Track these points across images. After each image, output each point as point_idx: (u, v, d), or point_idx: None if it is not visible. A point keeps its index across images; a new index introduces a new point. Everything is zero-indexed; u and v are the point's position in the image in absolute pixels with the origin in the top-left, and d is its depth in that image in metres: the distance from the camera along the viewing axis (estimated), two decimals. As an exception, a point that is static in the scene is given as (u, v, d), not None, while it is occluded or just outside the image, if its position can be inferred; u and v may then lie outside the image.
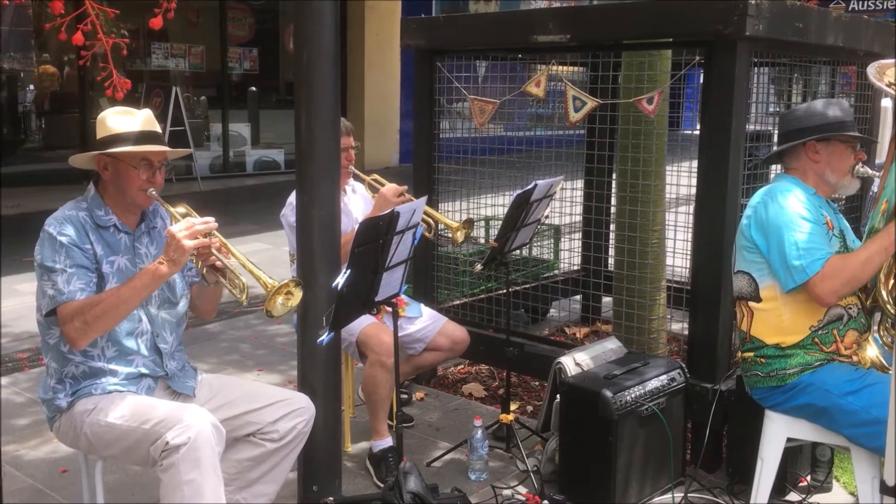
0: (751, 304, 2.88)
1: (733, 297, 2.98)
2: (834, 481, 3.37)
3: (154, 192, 2.58)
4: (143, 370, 2.61)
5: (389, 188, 3.48)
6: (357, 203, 3.74)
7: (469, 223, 3.60)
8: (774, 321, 2.83)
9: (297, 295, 2.43)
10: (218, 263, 2.53)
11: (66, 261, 2.45)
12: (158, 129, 2.65)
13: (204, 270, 2.58)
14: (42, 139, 11.27)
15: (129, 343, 2.59)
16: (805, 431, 2.84)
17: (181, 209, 2.63)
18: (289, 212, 3.45)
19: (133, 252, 2.64)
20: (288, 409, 2.67)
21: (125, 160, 2.54)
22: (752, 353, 2.90)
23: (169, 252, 2.42)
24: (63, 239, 2.46)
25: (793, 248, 2.70)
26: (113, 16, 2.16)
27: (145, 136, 2.56)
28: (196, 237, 2.43)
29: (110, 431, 2.47)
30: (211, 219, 2.48)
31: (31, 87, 7.73)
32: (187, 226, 2.43)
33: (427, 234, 3.64)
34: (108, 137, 2.55)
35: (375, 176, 3.73)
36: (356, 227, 2.72)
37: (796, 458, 3.29)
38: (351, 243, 2.57)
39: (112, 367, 2.56)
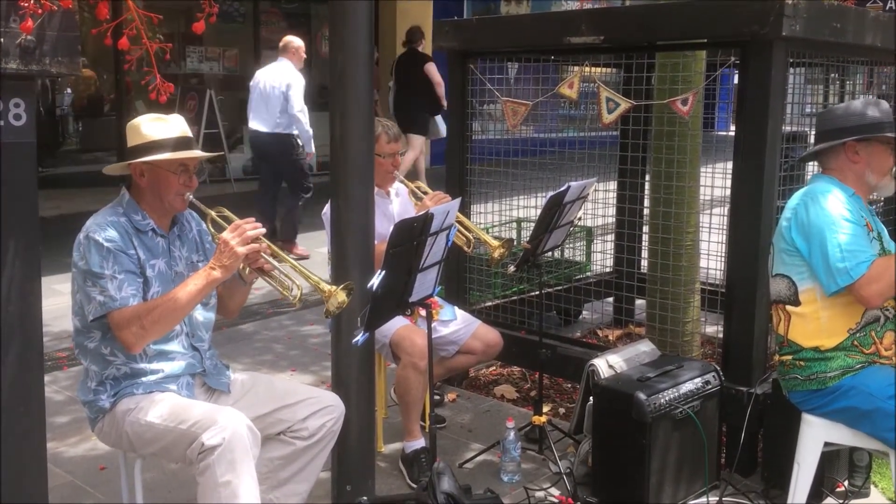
0: (788, 307, 2.85)
1: (770, 300, 2.95)
2: (872, 486, 3.33)
3: (190, 196, 2.63)
4: (183, 368, 2.65)
5: (433, 198, 3.50)
6: (400, 208, 3.76)
7: (509, 242, 3.56)
8: (812, 324, 2.80)
9: (343, 296, 2.51)
10: (266, 266, 2.59)
11: (115, 266, 2.49)
12: (191, 133, 2.69)
13: (246, 270, 2.62)
14: (79, 142, 11.47)
15: (170, 343, 2.63)
16: (843, 436, 2.81)
17: (218, 212, 2.67)
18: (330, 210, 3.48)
19: (169, 255, 2.68)
20: (317, 407, 2.69)
21: (163, 166, 2.58)
22: (790, 357, 2.87)
23: (222, 259, 2.48)
24: (109, 245, 2.49)
25: (836, 250, 2.67)
26: (157, 21, 2.20)
27: (181, 143, 2.60)
28: (248, 243, 2.49)
29: (149, 430, 2.51)
30: (259, 225, 2.53)
31: (69, 90, 7.87)
32: (238, 232, 2.49)
33: (466, 249, 3.63)
34: (144, 144, 2.57)
35: (419, 183, 3.73)
36: None
37: (833, 462, 3.24)
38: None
39: (153, 366, 2.61)
